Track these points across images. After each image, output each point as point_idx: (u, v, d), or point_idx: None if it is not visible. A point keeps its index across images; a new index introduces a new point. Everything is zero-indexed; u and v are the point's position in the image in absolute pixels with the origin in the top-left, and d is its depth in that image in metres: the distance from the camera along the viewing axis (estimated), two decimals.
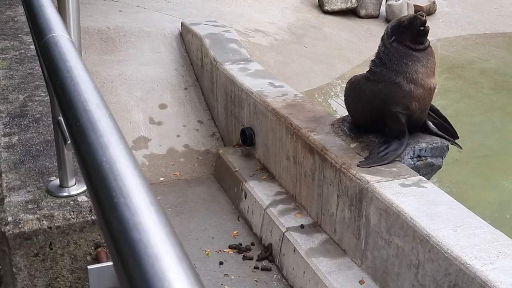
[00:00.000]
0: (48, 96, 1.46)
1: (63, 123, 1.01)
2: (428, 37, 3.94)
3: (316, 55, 7.80)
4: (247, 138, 5.18)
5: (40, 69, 1.89)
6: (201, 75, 6.45)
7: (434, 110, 4.36)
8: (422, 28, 3.83)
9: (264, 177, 4.94)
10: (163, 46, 6.86)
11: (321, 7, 8.98)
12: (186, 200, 5.13)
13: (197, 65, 6.53)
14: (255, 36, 7.62)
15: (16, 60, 2.03)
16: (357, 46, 8.34)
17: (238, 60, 5.96)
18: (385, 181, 3.56)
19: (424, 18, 3.88)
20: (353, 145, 4.07)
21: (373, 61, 4.09)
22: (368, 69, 4.14)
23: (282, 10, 8.81)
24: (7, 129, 1.58)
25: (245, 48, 6.45)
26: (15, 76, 1.90)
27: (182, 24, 6.98)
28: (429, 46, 3.96)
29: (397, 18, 4.22)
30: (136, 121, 6.02)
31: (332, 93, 7.07)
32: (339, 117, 4.54)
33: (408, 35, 3.87)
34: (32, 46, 2.08)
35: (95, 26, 6.79)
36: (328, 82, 7.30)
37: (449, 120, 4.31)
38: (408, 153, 3.92)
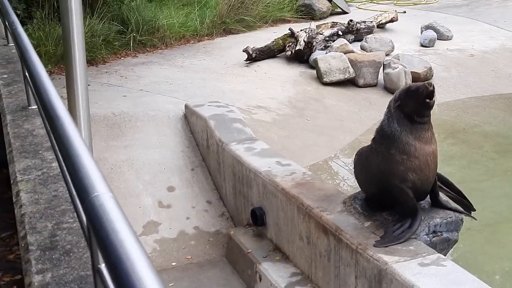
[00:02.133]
0: (79, 223, 1.47)
1: (103, 273, 1.02)
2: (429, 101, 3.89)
3: (318, 128, 7.88)
4: (258, 218, 5.17)
5: (64, 190, 1.92)
6: (207, 155, 6.49)
7: (448, 183, 4.37)
8: (428, 100, 3.83)
9: (278, 257, 4.90)
10: (168, 128, 6.94)
11: (319, 79, 9.13)
12: (200, 286, 5.07)
13: (203, 146, 6.59)
14: (258, 112, 7.73)
15: (39, 181, 2.05)
16: (358, 115, 8.44)
17: (243, 139, 6.02)
18: (403, 261, 3.53)
19: (432, 88, 3.84)
20: (367, 224, 4.06)
21: (377, 128, 4.11)
22: (373, 137, 4.15)
23: (282, 84, 8.96)
24: (39, 265, 1.58)
25: (249, 126, 6.53)
26: (40, 200, 1.91)
27: (186, 106, 7.09)
28: (429, 121, 3.96)
29: (407, 84, 4.20)
30: (145, 205, 6.02)
31: (338, 166, 7.10)
32: (350, 194, 4.54)
33: (412, 103, 3.87)
34: (54, 164, 2.11)
35: (100, 113, 6.89)
36: (332, 155, 7.35)
37: (463, 193, 4.30)
38: (423, 230, 3.91)
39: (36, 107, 2.81)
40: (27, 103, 2.84)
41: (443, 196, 4.24)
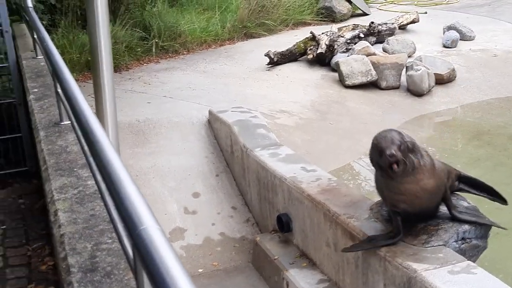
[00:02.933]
0: (119, 243, 1.50)
1: None
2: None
3: (341, 131, 7.87)
4: (284, 225, 5.18)
5: (101, 210, 1.95)
6: (231, 161, 6.52)
7: (476, 184, 4.33)
8: (391, 170, 3.51)
9: (305, 264, 4.90)
10: (192, 134, 6.98)
11: (342, 82, 9.12)
12: None
13: (227, 152, 6.62)
14: (281, 117, 7.74)
15: (76, 200, 2.08)
16: (381, 118, 8.40)
17: (267, 145, 6.03)
18: (433, 269, 3.51)
19: (394, 158, 3.45)
20: None
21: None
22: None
23: (304, 88, 8.97)
24: None
25: (272, 131, 6.55)
26: (79, 220, 1.95)
27: (210, 112, 7.13)
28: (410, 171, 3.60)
29: (381, 135, 3.69)
30: (171, 212, 6.07)
31: (362, 170, 7.08)
32: (377, 200, 4.53)
33: (374, 158, 3.69)
34: (89, 182, 2.14)
35: (125, 120, 6.96)
36: (356, 158, 7.33)
37: (494, 189, 4.26)
38: (452, 237, 3.88)
39: (68, 122, 2.86)
40: (59, 118, 2.89)
41: (464, 203, 4.18)
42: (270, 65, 9.72)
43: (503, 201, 4.24)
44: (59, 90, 2.76)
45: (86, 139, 1.67)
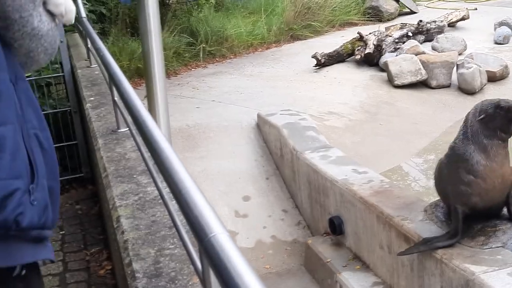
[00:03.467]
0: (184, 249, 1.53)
1: None
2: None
3: (392, 132, 7.78)
4: (336, 227, 5.15)
5: (162, 216, 1.98)
6: (281, 164, 6.53)
7: None
8: None
9: (358, 267, 4.86)
10: (241, 138, 7.03)
11: (391, 82, 9.02)
12: None
13: (277, 155, 6.63)
14: (330, 119, 7.71)
15: (137, 206, 2.13)
16: (433, 118, 8.26)
17: (317, 147, 6.02)
18: (491, 271, 3.44)
19: None
20: None
21: (450, 144, 3.99)
22: (446, 152, 4.04)
23: (353, 88, 8.90)
24: None
25: (322, 133, 6.53)
26: (141, 226, 1.99)
27: (258, 116, 7.16)
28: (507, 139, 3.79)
29: (495, 99, 4.00)
30: (222, 215, 6.11)
31: (414, 171, 6.98)
32: (431, 202, 4.46)
33: (501, 119, 3.73)
34: (149, 188, 2.19)
35: (175, 125, 7.05)
36: (408, 159, 7.23)
37: None
38: (511, 238, 3.79)
39: (125, 129, 2.92)
40: (117, 126, 2.96)
41: None
42: (317, 67, 9.69)
43: None
44: (116, 99, 2.83)
45: (147, 145, 1.71)
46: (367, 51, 9.57)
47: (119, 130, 2.94)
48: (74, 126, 5.58)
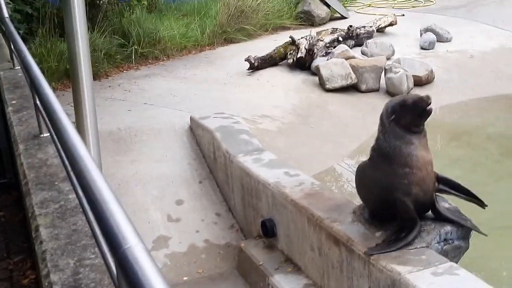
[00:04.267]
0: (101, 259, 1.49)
1: None
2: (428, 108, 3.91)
3: (323, 135, 7.90)
4: (268, 230, 5.18)
5: (83, 224, 1.93)
6: (214, 167, 6.52)
7: (454, 185, 4.35)
8: (427, 109, 3.83)
9: (290, 269, 4.91)
10: (174, 141, 6.97)
11: (322, 85, 9.16)
12: None
13: (210, 158, 6.61)
14: (263, 122, 7.75)
15: (57, 214, 2.06)
16: (362, 121, 8.45)
17: (250, 151, 6.03)
18: (416, 271, 3.54)
19: (430, 101, 3.88)
20: (378, 234, 4.07)
21: (372, 146, 4.11)
22: (369, 156, 4.15)
23: (285, 92, 8.99)
24: None
25: (255, 136, 6.55)
26: (60, 236, 1.92)
27: (191, 119, 7.12)
28: (424, 128, 3.97)
29: (400, 96, 4.18)
30: (154, 220, 6.04)
31: (345, 173, 7.12)
32: (359, 204, 4.55)
33: (410, 115, 3.87)
34: (71, 196, 2.12)
35: (106, 129, 6.91)
36: (339, 161, 7.37)
37: (472, 192, 4.28)
38: (434, 238, 3.92)
39: (48, 135, 2.83)
40: (39, 131, 2.86)
41: (445, 204, 4.23)
42: (250, 70, 9.73)
43: (481, 204, 4.26)
44: (38, 103, 2.74)
45: (66, 153, 1.66)
46: (299, 55, 9.68)
47: (41, 135, 2.84)
48: None
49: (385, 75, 9.19)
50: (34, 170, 2.32)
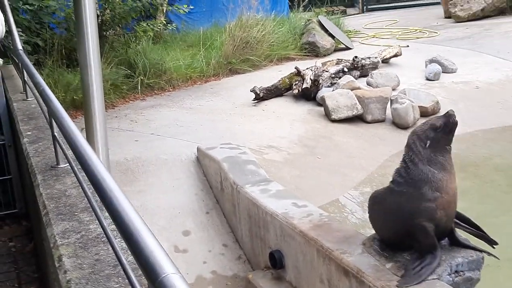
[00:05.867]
0: None
1: None
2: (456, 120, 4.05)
3: (330, 166, 7.91)
4: (277, 261, 5.16)
5: (106, 254, 1.93)
6: (221, 198, 6.51)
7: (464, 219, 4.36)
8: (456, 120, 4.02)
9: None
10: (181, 172, 6.98)
11: (328, 116, 9.20)
12: None
13: (217, 189, 6.61)
14: (269, 152, 7.77)
15: (79, 244, 2.06)
16: (369, 152, 8.47)
17: (258, 181, 6.04)
18: None
19: (453, 112, 4.05)
20: (388, 265, 4.05)
21: (397, 170, 4.12)
22: (391, 180, 4.16)
23: (291, 122, 9.03)
24: None
25: (262, 167, 6.57)
26: (84, 265, 1.93)
27: (198, 149, 7.14)
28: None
29: (426, 123, 4.20)
30: None
31: (352, 204, 7.10)
32: (369, 235, 4.54)
33: (443, 136, 3.95)
34: (91, 226, 2.13)
35: (113, 159, 6.92)
36: (345, 193, 7.35)
37: (481, 228, 4.29)
38: (445, 270, 3.90)
39: (65, 165, 2.85)
40: (56, 161, 2.89)
41: (461, 234, 4.24)
42: (256, 101, 9.79)
43: (491, 241, 4.25)
44: (56, 134, 2.77)
45: (92, 182, 1.68)
46: (305, 85, 9.75)
47: (58, 166, 2.86)
48: (8, 160, 5.39)
49: (391, 105, 9.23)
50: (53, 201, 2.33)
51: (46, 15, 9.55)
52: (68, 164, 2.78)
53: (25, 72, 4.28)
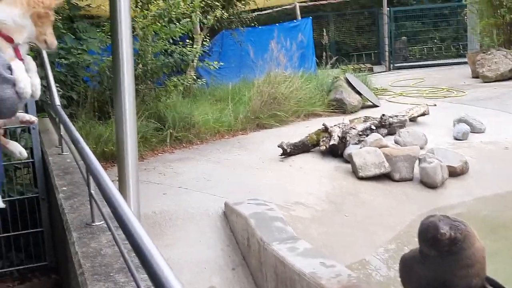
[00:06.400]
0: None
1: None
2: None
3: (357, 224, 7.84)
4: None
5: None
6: (248, 254, 6.48)
7: (495, 284, 4.29)
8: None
9: None
10: (208, 226, 6.98)
11: (355, 173, 9.18)
12: None
13: (243, 245, 6.58)
14: (296, 209, 7.75)
15: None
16: (396, 210, 8.39)
17: (285, 239, 6.01)
18: None
19: (447, 235, 3.94)
20: None
21: (433, 246, 4.09)
22: (419, 248, 4.13)
23: (318, 179, 9.02)
24: None
25: (289, 224, 6.54)
26: None
27: (226, 204, 7.16)
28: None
29: (426, 227, 4.13)
30: None
31: (380, 264, 7.00)
32: None
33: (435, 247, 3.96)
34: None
35: (141, 212, 6.91)
36: (373, 252, 7.26)
37: None
38: None
39: (100, 223, 2.89)
40: (91, 219, 2.93)
41: None
42: (283, 156, 9.83)
43: None
44: (92, 191, 2.82)
45: (130, 241, 1.71)
46: (332, 142, 9.78)
47: (93, 224, 2.90)
48: (41, 213, 5.47)
49: (419, 164, 9.18)
50: (89, 260, 2.36)
51: (80, 69, 9.82)
52: (103, 221, 2.81)
53: (62, 127, 4.39)
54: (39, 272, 5.43)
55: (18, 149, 2.80)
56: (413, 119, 11.80)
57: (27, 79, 2.40)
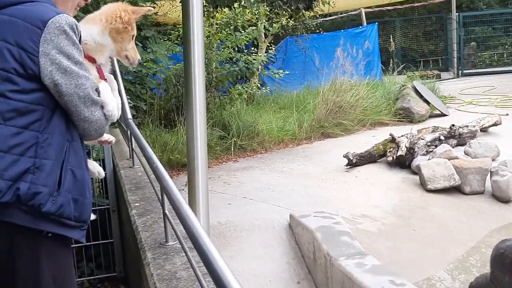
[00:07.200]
0: None
1: None
2: None
3: (426, 239, 7.60)
4: None
5: None
6: (313, 268, 6.38)
7: None
8: None
9: None
10: (273, 239, 6.92)
11: (423, 185, 8.92)
12: None
13: (309, 258, 6.49)
14: (363, 222, 7.59)
15: None
16: (467, 225, 8.09)
17: (352, 254, 5.88)
18: None
19: None
20: None
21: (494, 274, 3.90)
22: (490, 276, 3.94)
23: (385, 191, 8.82)
24: None
25: (356, 238, 6.40)
26: None
27: (291, 216, 7.08)
28: None
29: (503, 252, 3.93)
30: None
31: (450, 283, 6.75)
32: None
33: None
34: None
35: None
36: (443, 269, 7.01)
37: None
38: None
39: (174, 243, 2.87)
40: (165, 239, 2.92)
41: None
42: (349, 166, 9.68)
43: None
44: (166, 211, 2.81)
45: (205, 264, 1.68)
46: (399, 153, 9.56)
47: (167, 244, 2.88)
48: (111, 224, 5.55)
49: (491, 177, 8.83)
50: (164, 284, 2.33)
51: (147, 77, 9.98)
52: (177, 241, 2.80)
53: (133, 140, 4.43)
54: (108, 282, 5.52)
55: (97, 168, 2.82)
56: (484, 129, 11.40)
57: (115, 102, 2.40)
